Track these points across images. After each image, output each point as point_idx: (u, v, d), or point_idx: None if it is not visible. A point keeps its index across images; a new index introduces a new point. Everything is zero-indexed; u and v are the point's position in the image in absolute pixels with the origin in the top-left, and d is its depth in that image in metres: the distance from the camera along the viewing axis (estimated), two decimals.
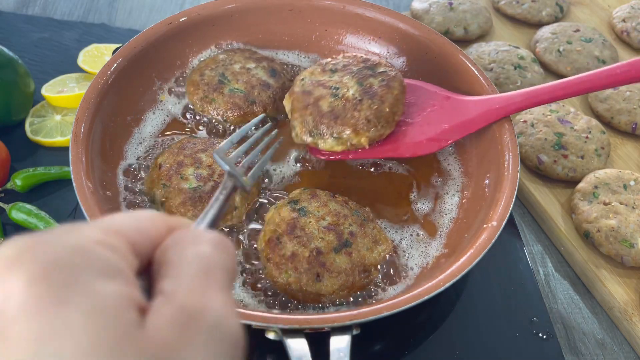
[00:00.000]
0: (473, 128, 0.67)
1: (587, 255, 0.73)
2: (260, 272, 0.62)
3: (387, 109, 0.63)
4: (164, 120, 0.75)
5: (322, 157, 0.68)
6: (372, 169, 0.72)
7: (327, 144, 0.63)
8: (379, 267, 0.62)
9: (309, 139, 0.64)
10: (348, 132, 0.62)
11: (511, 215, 0.72)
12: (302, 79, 0.68)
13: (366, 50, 0.84)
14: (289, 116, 0.66)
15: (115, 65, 0.71)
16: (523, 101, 0.66)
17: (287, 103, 0.67)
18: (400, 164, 0.73)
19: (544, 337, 0.63)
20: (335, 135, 0.63)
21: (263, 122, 0.71)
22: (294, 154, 0.72)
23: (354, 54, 0.70)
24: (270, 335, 0.52)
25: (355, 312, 0.51)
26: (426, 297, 0.53)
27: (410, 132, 0.67)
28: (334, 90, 0.65)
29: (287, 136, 0.73)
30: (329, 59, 0.70)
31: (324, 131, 0.63)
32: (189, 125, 0.75)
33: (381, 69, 0.67)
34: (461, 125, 0.67)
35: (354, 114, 0.62)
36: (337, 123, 0.62)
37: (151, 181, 0.66)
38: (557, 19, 1.04)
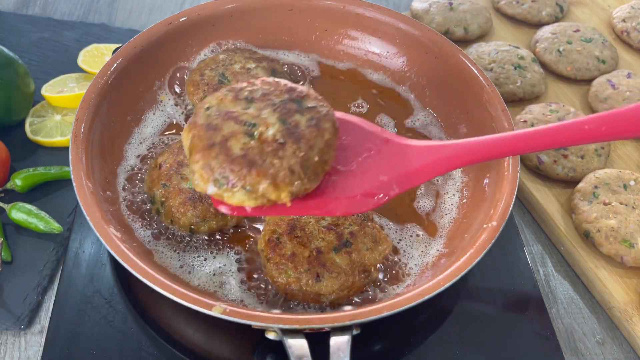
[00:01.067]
0: (416, 181, 0.56)
1: (587, 255, 0.73)
2: (260, 272, 0.62)
3: (316, 158, 0.50)
4: (164, 120, 0.75)
5: (225, 211, 0.52)
6: None
7: (235, 197, 0.49)
8: (379, 266, 0.62)
9: (212, 190, 0.49)
10: (265, 184, 0.48)
11: (511, 215, 0.72)
12: (208, 108, 0.53)
13: (366, 50, 0.84)
14: (187, 156, 0.52)
15: (115, 65, 0.71)
16: (477, 153, 0.55)
17: (185, 138, 0.52)
18: None
19: (544, 337, 0.63)
20: (247, 187, 0.48)
21: None
22: None
23: (277, 80, 0.55)
24: (271, 335, 0.52)
25: (355, 312, 0.51)
26: (426, 297, 0.53)
27: (341, 183, 0.54)
28: (249, 128, 0.50)
29: None
30: (245, 84, 0.55)
31: (234, 181, 0.48)
32: None
33: (310, 104, 0.53)
34: (403, 177, 0.55)
35: (273, 162, 0.48)
36: (252, 172, 0.48)
37: (151, 181, 0.66)
38: (557, 19, 1.04)
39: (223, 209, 0.52)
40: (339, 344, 0.51)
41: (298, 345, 0.50)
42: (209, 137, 0.50)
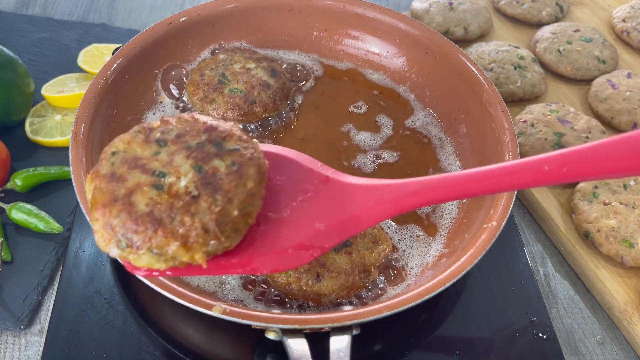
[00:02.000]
0: (359, 228, 0.48)
1: (587, 255, 0.73)
2: None
3: (236, 212, 0.43)
4: None
5: (140, 275, 0.47)
6: (371, 168, 0.72)
7: (142, 260, 0.43)
8: (378, 266, 0.62)
9: (115, 252, 0.43)
10: (174, 246, 0.42)
11: (511, 215, 0.72)
12: (113, 153, 0.46)
13: (366, 50, 0.84)
14: (88, 213, 0.46)
15: (115, 65, 0.71)
16: (426, 195, 0.47)
17: (87, 190, 0.45)
18: (400, 165, 0.73)
19: (544, 337, 0.63)
20: (154, 250, 0.42)
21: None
22: None
23: (196, 116, 0.48)
24: (270, 335, 0.52)
25: (355, 312, 0.51)
26: (426, 297, 0.53)
27: (270, 234, 0.47)
28: (158, 178, 0.43)
29: (285, 138, 0.73)
30: (158, 123, 0.47)
31: (138, 243, 0.42)
32: None
33: (231, 146, 0.45)
34: (342, 223, 0.48)
35: (184, 220, 0.41)
36: (158, 233, 0.41)
37: None
38: (557, 19, 1.04)
39: (136, 273, 0.45)
40: (339, 344, 0.51)
41: (298, 345, 0.50)
42: (111, 191, 0.43)
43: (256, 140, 0.48)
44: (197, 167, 0.43)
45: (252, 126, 0.75)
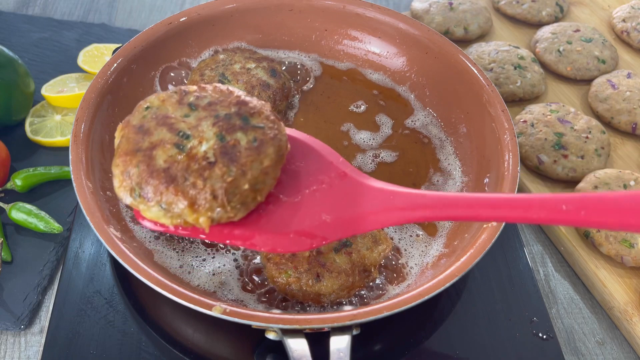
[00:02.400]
0: (361, 229, 0.48)
1: (587, 255, 0.73)
2: (260, 272, 0.62)
3: (246, 186, 0.44)
4: None
5: (146, 225, 0.48)
6: (372, 167, 0.72)
7: (150, 212, 0.45)
8: (379, 266, 0.62)
9: (128, 199, 0.45)
10: (182, 205, 0.44)
11: None
12: (147, 108, 0.48)
13: (366, 50, 0.84)
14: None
15: (115, 65, 0.71)
16: (436, 210, 0.47)
17: (116, 137, 0.48)
18: (400, 164, 0.73)
19: (544, 337, 0.63)
20: (163, 205, 0.44)
21: None
22: None
23: (232, 89, 0.50)
24: (271, 335, 0.52)
25: (355, 312, 0.51)
26: (426, 297, 0.53)
27: (277, 215, 0.47)
28: (182, 139, 0.45)
29: None
30: (194, 88, 0.50)
31: (149, 195, 0.44)
32: None
33: (258, 122, 0.46)
34: (348, 221, 0.48)
35: (196, 182, 0.43)
36: (169, 189, 0.43)
37: None
38: (557, 19, 1.04)
39: (143, 223, 0.47)
40: (339, 344, 0.51)
41: (298, 345, 0.50)
42: (136, 142, 0.45)
43: (283, 124, 0.49)
44: (220, 135, 0.45)
45: None
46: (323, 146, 0.52)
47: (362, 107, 0.79)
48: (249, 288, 0.60)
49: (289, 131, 0.52)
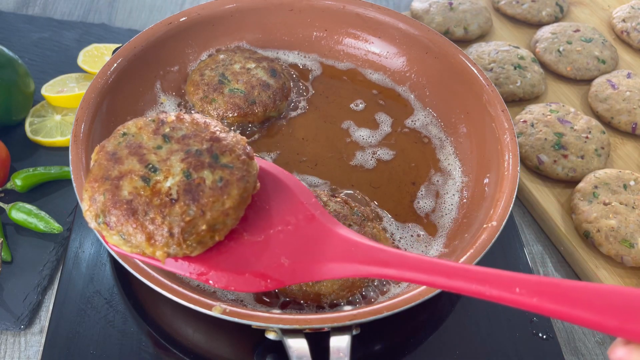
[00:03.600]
0: (317, 277, 0.47)
1: (587, 255, 0.73)
2: None
3: (204, 227, 0.44)
4: None
5: (110, 248, 0.49)
6: (372, 164, 0.72)
7: (112, 239, 0.46)
8: None
9: (92, 224, 0.46)
10: (139, 238, 0.45)
11: (511, 215, 0.72)
12: (123, 134, 0.49)
13: (366, 50, 0.84)
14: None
15: (115, 65, 0.70)
16: (393, 269, 0.44)
17: (92, 158, 0.49)
18: (399, 164, 0.73)
19: (544, 337, 0.63)
20: (123, 235, 0.45)
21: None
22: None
23: (210, 122, 0.49)
24: (270, 336, 0.52)
25: (355, 312, 0.51)
26: (426, 297, 0.53)
27: (235, 254, 0.47)
28: (149, 172, 0.46)
29: (286, 137, 0.73)
30: (173, 117, 0.49)
31: (111, 224, 0.45)
32: None
33: (228, 161, 0.46)
34: (305, 269, 0.47)
35: (155, 218, 0.44)
36: (129, 222, 0.44)
37: None
38: (557, 19, 1.04)
39: (108, 246, 0.48)
40: (339, 344, 0.51)
41: (298, 346, 0.50)
42: (107, 169, 0.47)
43: (257, 163, 0.48)
44: (187, 172, 0.45)
45: (253, 127, 0.75)
46: (296, 183, 0.51)
47: (361, 106, 0.79)
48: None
49: (264, 164, 0.51)
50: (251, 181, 0.47)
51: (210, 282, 0.47)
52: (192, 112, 0.76)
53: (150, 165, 0.46)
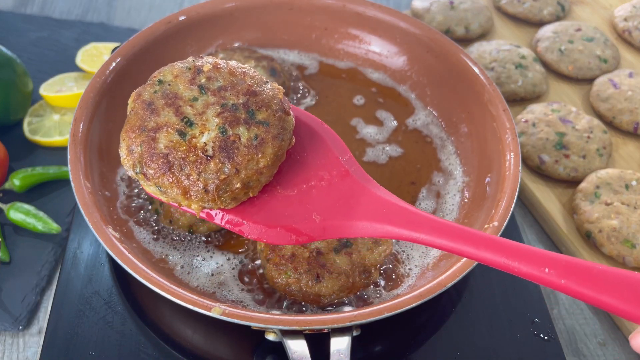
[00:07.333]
0: (349, 234, 0.48)
1: (589, 255, 0.73)
2: (260, 272, 0.61)
3: (239, 185, 0.45)
4: None
5: (146, 191, 0.50)
6: (371, 166, 0.72)
7: (148, 189, 0.48)
8: (379, 267, 0.62)
9: (130, 172, 0.48)
10: (175, 192, 0.46)
11: (512, 216, 0.71)
12: (160, 82, 0.49)
13: (366, 50, 0.83)
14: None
15: (114, 64, 0.70)
16: (426, 233, 0.44)
17: (129, 104, 0.50)
18: (400, 164, 0.73)
19: (546, 338, 0.62)
20: (160, 187, 0.46)
21: None
22: None
23: (247, 73, 0.49)
24: (270, 336, 0.52)
25: (355, 313, 0.51)
26: (427, 298, 0.52)
27: (268, 207, 0.48)
28: (185, 125, 0.46)
29: None
30: (210, 65, 0.49)
31: (148, 175, 0.46)
32: None
33: (263, 118, 0.47)
34: (337, 225, 0.47)
35: (191, 174, 0.45)
36: (166, 175, 0.45)
37: None
38: (558, 18, 1.03)
39: (145, 189, 0.49)
40: (339, 345, 0.51)
41: (298, 347, 0.50)
42: (144, 119, 0.47)
43: (293, 118, 0.49)
44: (223, 128, 0.46)
45: None
46: (334, 138, 0.50)
47: (361, 105, 0.79)
48: (249, 289, 0.60)
49: (301, 115, 0.51)
50: (286, 138, 0.47)
51: (245, 234, 0.48)
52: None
53: (186, 119, 0.46)
